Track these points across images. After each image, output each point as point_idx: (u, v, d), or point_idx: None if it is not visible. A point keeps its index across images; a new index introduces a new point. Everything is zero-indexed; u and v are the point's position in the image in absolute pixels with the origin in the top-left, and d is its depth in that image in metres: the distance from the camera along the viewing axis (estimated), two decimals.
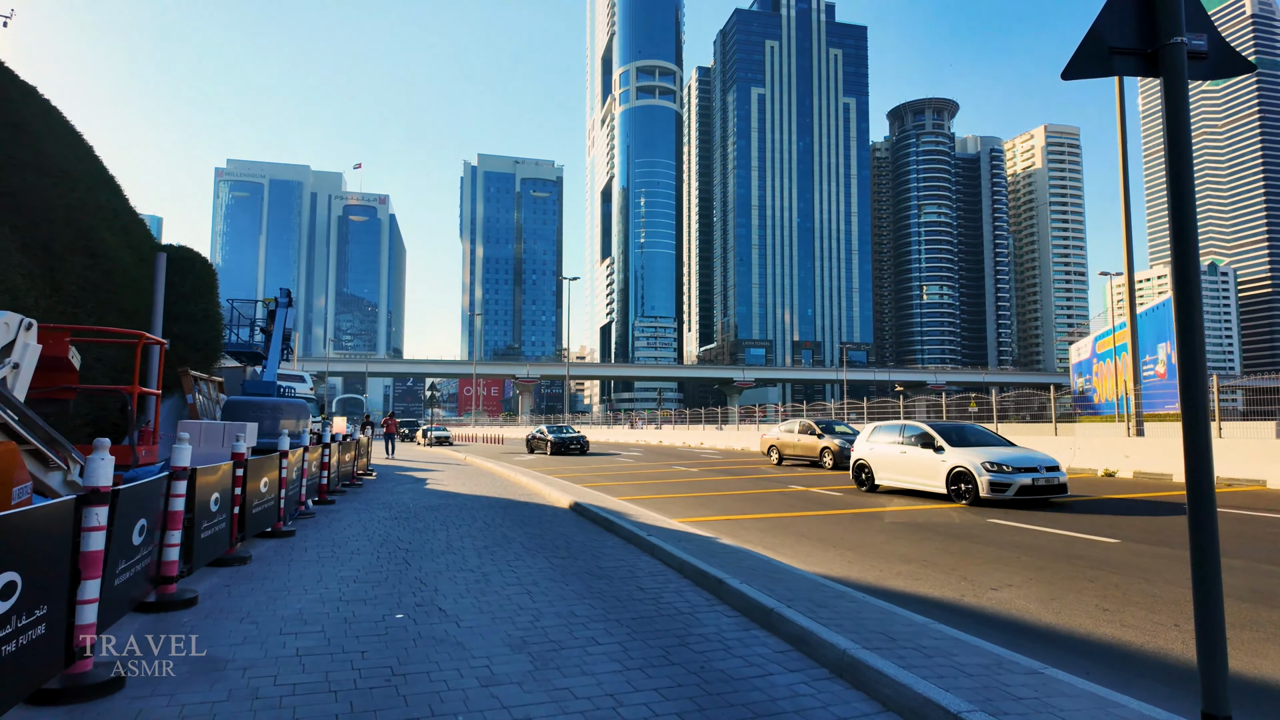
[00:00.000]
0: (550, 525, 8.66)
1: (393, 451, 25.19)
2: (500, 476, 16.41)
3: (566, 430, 26.65)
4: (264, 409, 11.27)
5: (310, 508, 9.64)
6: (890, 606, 4.46)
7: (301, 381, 22.77)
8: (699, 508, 10.57)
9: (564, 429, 27.11)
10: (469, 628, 4.26)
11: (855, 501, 11.11)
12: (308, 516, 9.00)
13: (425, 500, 11.45)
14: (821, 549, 7.25)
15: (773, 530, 8.47)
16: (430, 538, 7.65)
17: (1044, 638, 4.24)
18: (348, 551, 6.81)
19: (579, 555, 6.68)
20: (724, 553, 6.32)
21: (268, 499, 6.92)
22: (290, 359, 14.97)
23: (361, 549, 6.95)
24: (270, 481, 7.01)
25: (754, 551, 6.54)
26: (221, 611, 4.57)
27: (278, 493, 7.31)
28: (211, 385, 14.91)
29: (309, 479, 9.41)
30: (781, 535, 8.10)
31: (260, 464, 6.68)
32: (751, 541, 7.57)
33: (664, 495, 12.30)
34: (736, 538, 7.68)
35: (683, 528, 7.95)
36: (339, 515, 9.43)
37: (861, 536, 7.97)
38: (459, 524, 8.69)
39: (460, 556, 6.59)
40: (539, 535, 7.84)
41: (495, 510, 10.13)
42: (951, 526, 8.57)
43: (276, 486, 7.26)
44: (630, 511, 9.19)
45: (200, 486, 4.92)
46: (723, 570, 5.39)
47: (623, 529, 7.76)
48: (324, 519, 9.00)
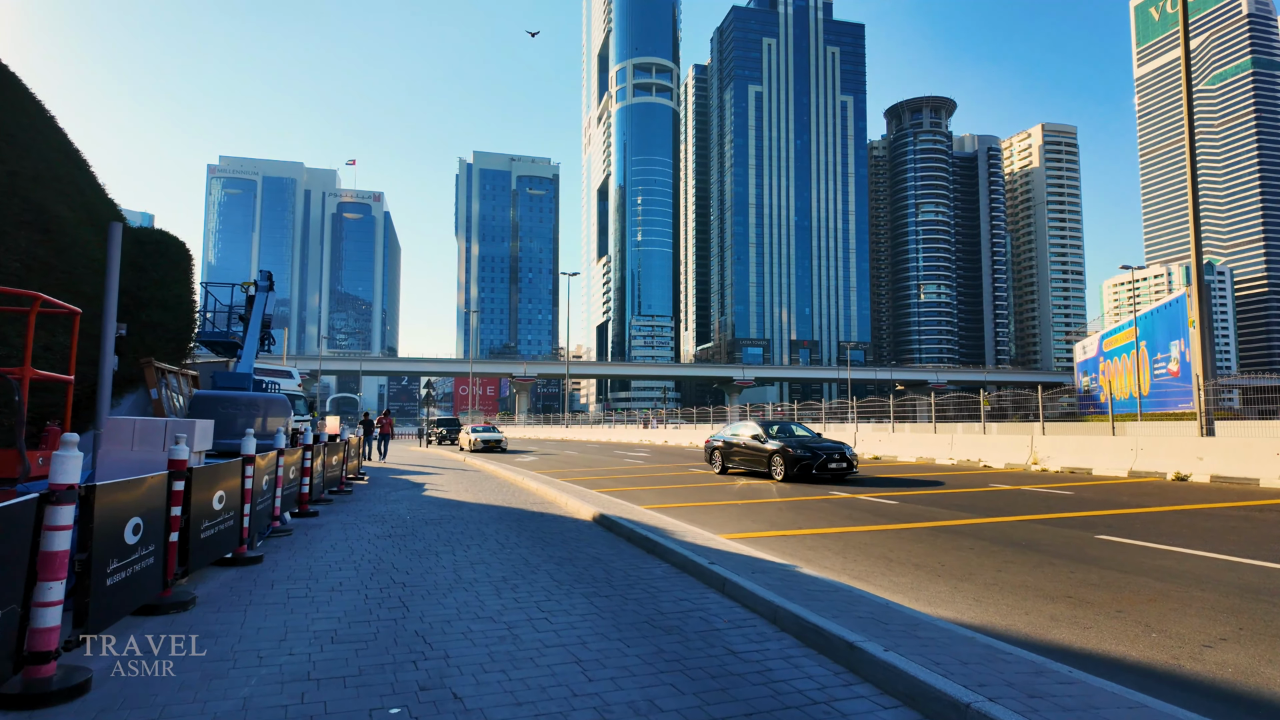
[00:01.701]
0: (577, 545, 7.15)
1: (385, 454, 23.43)
2: (506, 481, 14.89)
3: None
4: (237, 405, 9.73)
5: (287, 522, 8.11)
6: (1131, 694, 2.97)
7: (288, 377, 21.16)
8: (741, 519, 9.09)
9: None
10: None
11: (914, 513, 9.64)
12: (283, 534, 7.46)
13: (424, 511, 9.93)
14: (928, 580, 5.77)
15: (847, 551, 6.98)
16: (433, 565, 6.13)
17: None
18: (326, 588, 5.28)
19: (628, 591, 5.18)
20: (818, 590, 4.83)
21: (224, 518, 5.40)
22: (271, 349, 13.43)
23: (345, 583, 5.42)
24: (229, 495, 5.48)
25: (853, 587, 5.05)
26: (123, 706, 3.03)
27: (240, 509, 5.78)
28: (183, 379, 13.33)
29: (285, 488, 7.89)
30: (862, 558, 6.61)
31: (213, 473, 5.16)
32: (833, 568, 6.09)
33: (692, 503, 10.80)
34: (813, 564, 6.20)
35: (742, 549, 6.47)
36: (321, 532, 7.90)
37: (958, 559, 6.50)
38: (467, 544, 7.18)
39: (474, 594, 5.07)
40: (568, 560, 6.33)
41: (508, 524, 8.62)
42: (1057, 546, 7.10)
43: (238, 501, 5.73)
44: (668, 526, 7.70)
45: (104, 510, 3.41)
46: (845, 625, 3.90)
47: (671, 552, 6.27)
48: (302, 538, 7.46)
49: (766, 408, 35.40)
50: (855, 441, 23.56)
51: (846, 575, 5.82)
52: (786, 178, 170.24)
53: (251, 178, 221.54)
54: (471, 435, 28.92)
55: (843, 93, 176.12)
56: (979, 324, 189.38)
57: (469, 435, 29.24)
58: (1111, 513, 9.35)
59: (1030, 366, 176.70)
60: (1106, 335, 57.05)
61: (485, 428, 30.93)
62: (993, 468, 17.30)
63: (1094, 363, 58.97)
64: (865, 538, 7.72)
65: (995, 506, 10.12)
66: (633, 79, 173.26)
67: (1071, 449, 16.10)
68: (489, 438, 28.68)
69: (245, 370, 10.62)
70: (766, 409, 34.56)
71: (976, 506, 10.15)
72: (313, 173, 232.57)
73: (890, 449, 21.80)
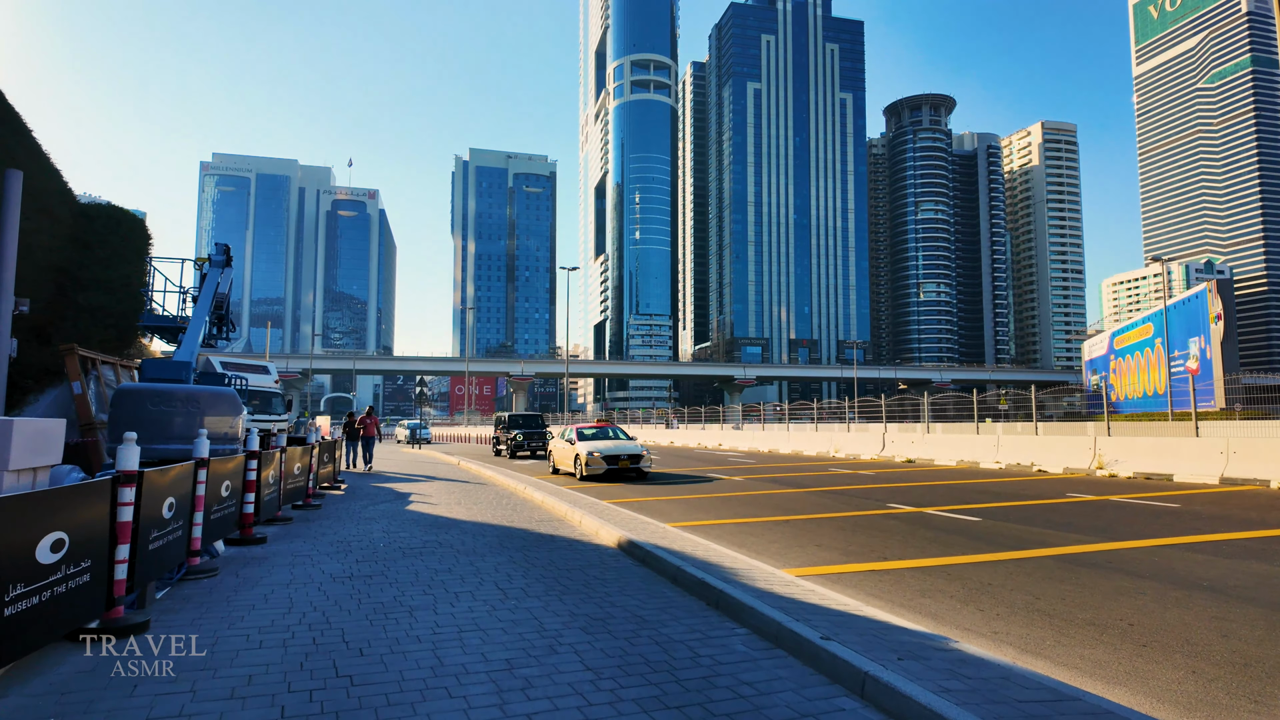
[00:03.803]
0: (606, 591, 5.23)
1: (370, 460, 18.97)
2: (505, 490, 12.94)
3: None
4: (172, 402, 7.77)
5: (218, 554, 6.17)
6: None
7: (264, 372, 19.12)
8: (802, 542, 7.17)
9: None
10: None
11: (1012, 535, 7.73)
12: (204, 575, 5.50)
13: (404, 534, 7.98)
14: (1158, 664, 3.86)
15: (976, 597, 5.06)
16: (403, 634, 4.20)
17: None
18: (222, 690, 3.31)
19: (709, 695, 3.25)
20: (1028, 699, 2.93)
21: (65, 573, 3.45)
22: (230, 336, 11.47)
23: (256, 679, 3.44)
24: (78, 535, 3.54)
25: (1085, 694, 3.15)
26: None
27: (107, 555, 3.84)
28: (124, 371, 11.36)
29: (216, 508, 5.95)
30: (1010, 612, 4.69)
31: (42, 506, 3.22)
32: (992, 634, 4.18)
33: (730, 520, 8.88)
34: (955, 624, 4.29)
35: (840, 597, 4.56)
36: (260, 570, 5.96)
37: (1153, 619, 4.59)
38: (455, 591, 5.25)
39: (461, 704, 3.14)
40: (601, 623, 4.39)
41: (510, 553, 6.69)
42: None
43: (102, 543, 3.79)
44: (717, 557, 5.79)
45: None
46: None
47: (747, 609, 4.36)
48: (229, 581, 5.50)
49: (766, 407, 33.58)
50: (884, 444, 21.70)
51: (1030, 654, 3.91)
52: (785, 175, 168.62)
53: (245, 175, 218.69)
54: (582, 447, 15.28)
55: (842, 90, 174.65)
56: (978, 323, 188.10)
57: (576, 447, 15.56)
58: (1263, 534, 7.45)
59: (1030, 365, 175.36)
60: (1118, 333, 55.33)
61: (601, 430, 16.92)
62: (1049, 473, 15.44)
63: (1104, 360, 57.22)
64: (979, 573, 5.81)
65: (1101, 525, 8.23)
66: (630, 76, 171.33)
67: (1144, 452, 14.24)
68: (620, 450, 14.94)
69: (184, 358, 8.66)
70: (766, 408, 32.72)
71: (1078, 524, 8.26)
72: (307, 170, 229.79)
73: (924, 452, 19.91)
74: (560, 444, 16.75)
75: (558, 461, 16.71)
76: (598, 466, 14.58)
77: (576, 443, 15.59)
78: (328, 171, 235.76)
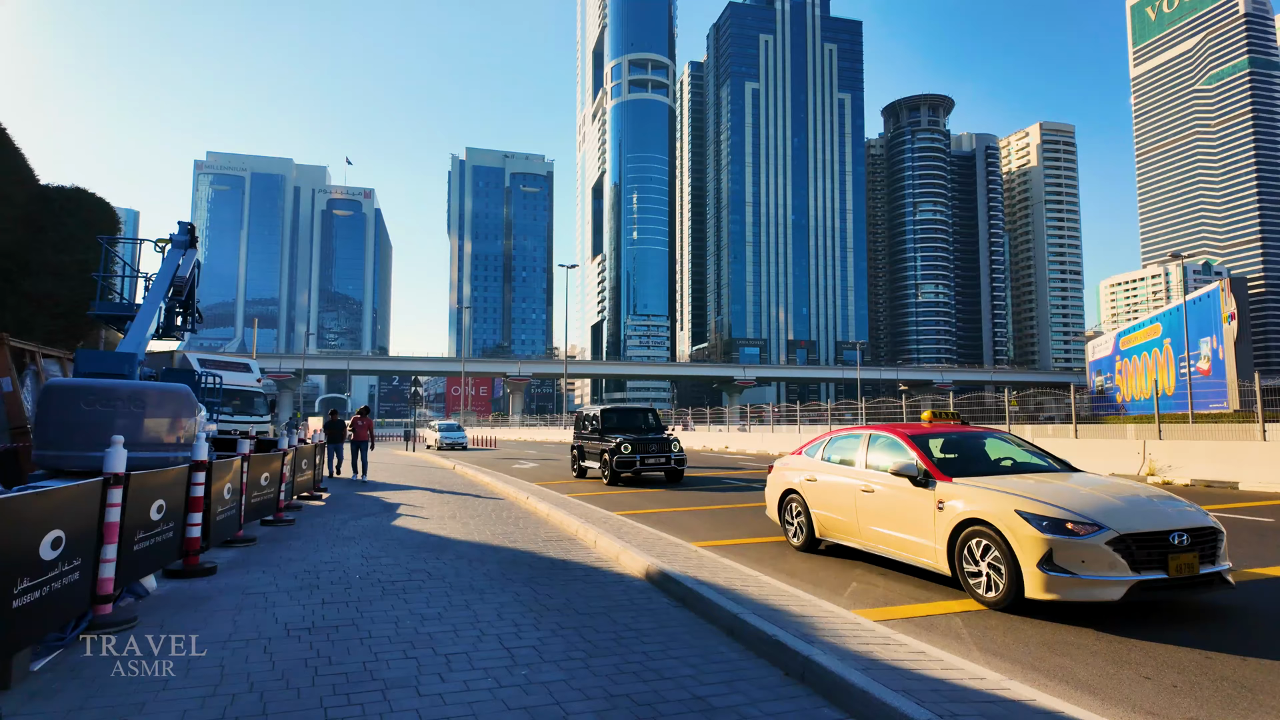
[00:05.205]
0: (644, 648, 3.97)
1: (365, 469, 15.55)
2: (507, 499, 11.67)
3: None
4: (111, 399, 6.50)
5: (147, 592, 4.89)
6: None
7: (245, 370, 17.81)
8: (868, 572, 5.93)
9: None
10: None
11: None
12: (112, 630, 4.22)
13: (387, 560, 6.71)
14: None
15: (1124, 663, 3.83)
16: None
17: None
18: None
19: None
20: None
21: None
22: (196, 327, 10.20)
23: None
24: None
25: None
26: None
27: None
28: (71, 365, 10.06)
29: (144, 538, 4.68)
30: (1210, 692, 3.46)
31: None
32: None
33: (767, 539, 7.62)
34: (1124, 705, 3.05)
35: (983, 673, 3.32)
36: (194, 618, 4.68)
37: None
38: (446, 654, 3.98)
39: None
40: (650, 707, 3.14)
41: (515, 589, 5.42)
42: None
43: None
44: (776, 598, 4.54)
45: None
46: None
47: (842, 686, 3.10)
48: (144, 642, 4.22)
49: (770, 408, 32.48)
50: None
51: None
52: (783, 176, 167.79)
53: (240, 174, 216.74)
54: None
55: (840, 90, 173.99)
56: (977, 324, 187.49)
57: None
58: None
59: (1029, 367, 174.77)
60: (1124, 333, 54.18)
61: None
62: None
63: (1109, 361, 56.06)
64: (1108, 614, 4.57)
65: None
66: (628, 75, 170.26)
67: (1203, 457, 13.07)
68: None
69: (129, 349, 7.38)
70: (770, 409, 31.58)
71: None
72: (302, 169, 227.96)
73: None
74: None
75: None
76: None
77: None
78: (323, 170, 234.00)
